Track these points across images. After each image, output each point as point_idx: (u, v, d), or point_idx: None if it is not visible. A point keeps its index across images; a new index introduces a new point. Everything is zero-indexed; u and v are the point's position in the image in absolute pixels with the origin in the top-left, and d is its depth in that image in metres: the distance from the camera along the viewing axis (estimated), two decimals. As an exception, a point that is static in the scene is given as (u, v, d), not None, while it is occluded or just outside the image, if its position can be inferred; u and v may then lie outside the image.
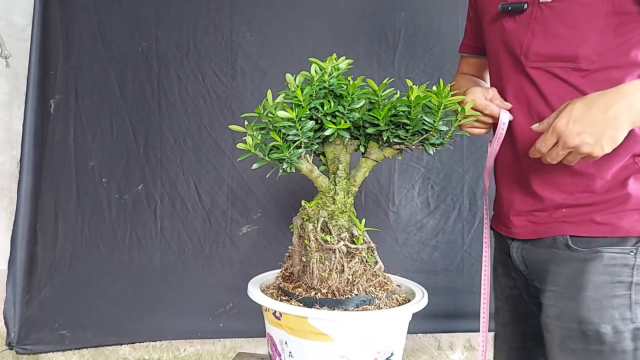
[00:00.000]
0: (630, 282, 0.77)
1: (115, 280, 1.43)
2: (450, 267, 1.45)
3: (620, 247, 0.78)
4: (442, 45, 1.44)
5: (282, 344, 0.81)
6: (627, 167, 0.79)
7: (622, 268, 0.78)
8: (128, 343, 1.45)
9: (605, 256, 0.78)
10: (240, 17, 1.43)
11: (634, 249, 0.78)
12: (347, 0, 1.43)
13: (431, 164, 1.44)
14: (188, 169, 1.44)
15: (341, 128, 0.81)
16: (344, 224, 0.84)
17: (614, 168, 0.79)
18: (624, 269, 0.78)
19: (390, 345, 0.81)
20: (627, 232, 0.78)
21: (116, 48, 1.43)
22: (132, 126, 1.43)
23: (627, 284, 0.78)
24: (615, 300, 0.77)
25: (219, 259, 1.45)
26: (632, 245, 0.78)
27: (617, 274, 0.78)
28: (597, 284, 0.78)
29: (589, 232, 0.80)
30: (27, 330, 1.40)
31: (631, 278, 0.77)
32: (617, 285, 0.78)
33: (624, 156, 0.78)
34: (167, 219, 1.44)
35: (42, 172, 1.42)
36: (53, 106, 1.43)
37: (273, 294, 0.85)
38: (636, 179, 0.79)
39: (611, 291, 0.78)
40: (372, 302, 0.80)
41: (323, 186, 0.87)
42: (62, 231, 1.42)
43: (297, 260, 0.86)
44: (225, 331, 1.45)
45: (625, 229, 0.78)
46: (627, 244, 0.78)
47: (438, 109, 0.80)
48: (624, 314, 0.77)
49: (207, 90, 1.44)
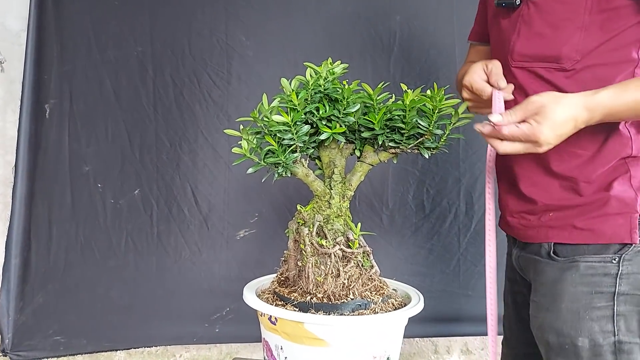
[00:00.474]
0: (613, 292, 0.72)
1: (111, 286, 1.42)
2: (446, 270, 1.45)
3: (599, 256, 0.73)
4: (437, 49, 1.45)
5: (277, 349, 0.81)
6: (615, 169, 0.75)
7: (602, 278, 0.73)
8: (123, 349, 1.44)
9: (581, 266, 0.74)
10: (235, 22, 1.43)
11: (616, 256, 0.73)
12: (342, 4, 1.43)
13: (426, 167, 1.44)
14: (184, 174, 1.43)
15: (336, 132, 0.81)
16: (339, 228, 0.84)
17: (599, 170, 0.75)
18: (605, 278, 0.73)
19: (387, 350, 0.80)
20: (609, 239, 0.73)
21: (111, 52, 1.43)
22: (127, 131, 1.43)
23: (609, 294, 0.72)
24: (594, 312, 0.73)
25: (216, 264, 1.44)
26: (614, 253, 0.73)
27: (597, 285, 0.73)
28: (574, 295, 0.74)
29: (570, 239, 0.76)
30: (21, 337, 1.39)
31: (614, 288, 0.72)
32: (597, 296, 0.73)
33: (610, 159, 0.75)
34: (163, 223, 1.43)
35: (36, 177, 1.41)
36: (48, 111, 1.43)
37: (268, 299, 0.84)
38: (622, 182, 0.74)
39: (589, 303, 0.73)
40: (368, 306, 0.80)
41: (319, 190, 0.87)
42: (56, 237, 1.41)
43: (293, 265, 0.85)
44: (221, 336, 1.44)
45: (607, 235, 0.73)
46: (609, 252, 0.73)
47: (433, 113, 0.80)
48: (604, 327, 0.72)
49: (203, 94, 1.44)
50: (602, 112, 0.68)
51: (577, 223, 0.75)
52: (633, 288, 0.72)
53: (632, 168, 0.75)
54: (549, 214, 0.78)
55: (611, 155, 0.75)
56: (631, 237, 0.73)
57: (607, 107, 0.68)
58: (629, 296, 0.72)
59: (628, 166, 0.75)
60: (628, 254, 0.73)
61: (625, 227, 0.73)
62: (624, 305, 0.72)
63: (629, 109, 0.68)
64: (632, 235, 0.73)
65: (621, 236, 0.73)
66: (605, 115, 0.69)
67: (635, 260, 0.73)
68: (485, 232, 0.87)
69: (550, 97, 0.68)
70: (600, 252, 0.74)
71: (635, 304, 0.72)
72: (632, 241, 0.72)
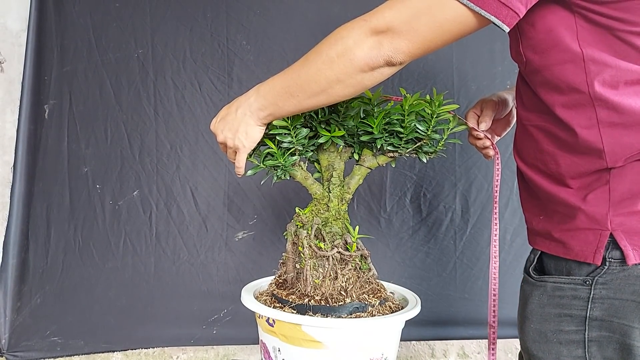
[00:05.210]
0: (584, 316, 0.66)
1: (108, 287, 1.42)
2: (443, 273, 1.46)
3: (568, 277, 0.67)
4: (435, 54, 1.46)
5: (275, 351, 0.81)
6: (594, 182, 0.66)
7: (572, 300, 0.67)
8: (120, 350, 1.44)
9: (549, 286, 0.69)
10: (236, 26, 1.44)
11: (588, 279, 0.65)
12: (342, 9, 1.45)
13: (423, 171, 1.46)
14: (184, 175, 1.44)
15: (335, 135, 0.82)
16: (337, 231, 0.85)
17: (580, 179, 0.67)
18: (574, 301, 0.67)
19: (384, 353, 0.81)
20: (576, 256, 0.66)
21: (112, 54, 1.43)
22: (127, 132, 1.43)
23: (580, 318, 0.66)
24: (562, 335, 0.68)
25: (214, 265, 1.44)
26: (586, 275, 0.65)
27: (566, 307, 0.67)
28: (542, 316, 0.70)
29: (549, 249, 0.71)
30: (18, 337, 1.38)
31: (585, 312, 0.66)
32: (565, 319, 0.67)
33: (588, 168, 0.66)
34: (162, 225, 1.43)
35: (35, 178, 1.41)
36: (47, 111, 1.43)
37: (266, 301, 0.85)
38: (599, 195, 0.65)
39: (558, 325, 0.68)
40: (366, 309, 0.80)
41: (317, 193, 0.87)
42: (54, 237, 1.41)
43: (291, 267, 0.86)
44: (218, 338, 1.44)
45: (574, 251, 0.66)
46: (581, 273, 0.66)
47: (431, 118, 0.81)
48: (574, 352, 0.67)
49: (204, 97, 1.44)
50: (258, 95, 0.78)
51: (553, 233, 0.69)
52: (609, 315, 0.65)
53: (613, 180, 0.64)
54: (539, 217, 0.73)
55: (589, 165, 0.65)
56: (593, 257, 0.64)
57: (260, 89, 0.78)
58: (605, 322, 0.65)
59: (609, 178, 0.65)
60: (602, 276, 0.64)
61: (592, 245, 0.64)
62: (597, 331, 0.66)
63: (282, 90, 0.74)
64: (596, 255, 0.64)
65: (585, 254, 0.65)
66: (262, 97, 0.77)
67: (612, 284, 0.64)
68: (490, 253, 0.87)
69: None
70: (571, 272, 0.67)
71: (611, 331, 0.65)
72: (594, 262, 0.64)
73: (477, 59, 1.45)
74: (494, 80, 1.46)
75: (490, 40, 1.45)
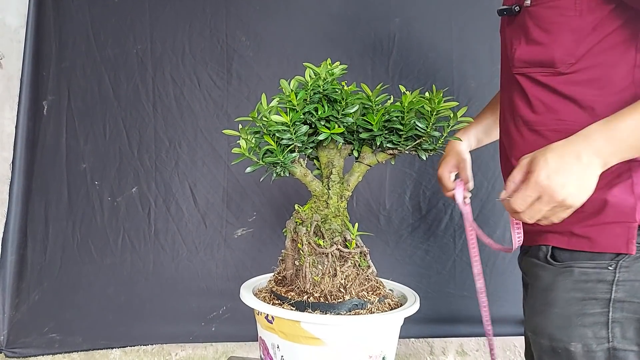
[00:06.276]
0: (608, 298, 0.72)
1: (107, 284, 1.42)
2: (442, 271, 1.46)
3: (594, 262, 0.73)
4: (435, 52, 1.46)
5: (274, 348, 0.81)
6: (618, 176, 0.72)
7: (597, 284, 0.72)
8: (119, 347, 1.44)
9: (575, 271, 0.74)
10: (236, 22, 1.44)
11: (612, 263, 0.72)
12: (342, 6, 1.44)
13: (423, 169, 1.45)
14: (183, 172, 1.44)
15: (335, 132, 0.82)
16: (337, 228, 0.85)
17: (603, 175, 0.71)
18: (599, 285, 0.72)
19: (383, 350, 0.81)
20: (605, 248, 0.72)
21: (110, 50, 1.43)
22: (125, 129, 1.43)
23: (604, 300, 0.72)
24: (586, 318, 0.73)
25: (213, 262, 1.44)
26: (610, 260, 0.72)
27: (590, 291, 0.72)
28: (567, 301, 0.74)
29: (568, 245, 0.75)
30: (17, 334, 1.38)
31: (609, 295, 0.72)
32: (590, 302, 0.73)
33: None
34: (161, 221, 1.43)
35: (33, 174, 1.41)
36: (46, 108, 1.42)
37: (265, 298, 0.85)
38: (623, 189, 0.72)
39: (582, 309, 0.73)
40: (365, 306, 0.80)
41: (317, 190, 0.87)
42: (53, 234, 1.41)
43: (290, 264, 0.86)
44: (217, 335, 1.44)
45: (603, 244, 0.72)
46: (605, 258, 0.73)
47: (431, 115, 0.81)
48: (598, 333, 0.72)
49: (203, 94, 1.44)
50: (610, 137, 0.63)
51: (575, 229, 0.74)
52: (630, 295, 0.71)
53: (635, 174, 0.72)
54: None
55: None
56: (627, 248, 0.71)
57: (612, 129, 0.62)
58: (626, 303, 0.72)
59: (631, 172, 0.72)
60: (625, 260, 0.71)
61: (622, 238, 0.71)
62: (619, 312, 0.72)
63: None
64: (629, 245, 0.71)
65: (617, 246, 0.71)
66: (618, 140, 0.63)
67: (633, 267, 0.71)
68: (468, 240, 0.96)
69: (539, 149, 0.66)
70: (595, 258, 0.73)
71: (632, 312, 0.71)
72: (628, 252, 0.71)
73: (477, 56, 1.45)
74: (494, 77, 1.45)
75: (490, 37, 1.44)
